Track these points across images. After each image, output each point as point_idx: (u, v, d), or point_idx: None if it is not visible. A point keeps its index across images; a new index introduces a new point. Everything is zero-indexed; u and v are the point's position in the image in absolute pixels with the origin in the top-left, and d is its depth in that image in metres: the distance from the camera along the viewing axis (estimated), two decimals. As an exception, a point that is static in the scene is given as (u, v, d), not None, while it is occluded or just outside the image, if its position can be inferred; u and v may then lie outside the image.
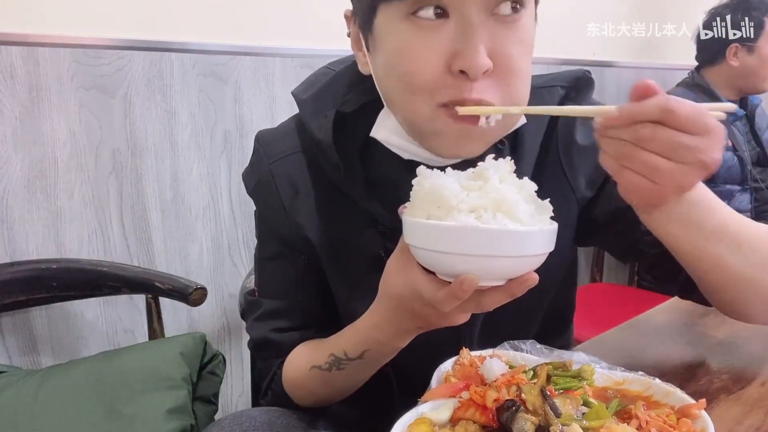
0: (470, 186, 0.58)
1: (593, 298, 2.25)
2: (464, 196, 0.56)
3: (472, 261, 0.55)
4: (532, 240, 0.56)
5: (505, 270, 0.58)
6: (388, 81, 0.70)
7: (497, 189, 0.56)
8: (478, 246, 0.55)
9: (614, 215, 0.83)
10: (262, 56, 1.60)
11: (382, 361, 0.75)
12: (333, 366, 0.74)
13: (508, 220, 0.55)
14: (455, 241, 0.55)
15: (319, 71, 0.85)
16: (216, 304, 1.64)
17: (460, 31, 0.63)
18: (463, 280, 0.55)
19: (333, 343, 0.76)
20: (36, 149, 1.30)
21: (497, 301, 0.59)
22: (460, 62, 0.63)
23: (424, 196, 0.58)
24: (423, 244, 0.58)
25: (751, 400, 0.73)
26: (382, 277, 0.66)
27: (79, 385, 1.13)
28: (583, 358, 0.71)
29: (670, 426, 0.57)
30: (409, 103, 0.69)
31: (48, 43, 1.28)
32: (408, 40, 0.65)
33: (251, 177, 0.85)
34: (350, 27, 0.75)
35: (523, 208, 0.56)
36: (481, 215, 0.55)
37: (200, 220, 1.58)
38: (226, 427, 0.71)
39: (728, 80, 2.32)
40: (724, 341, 0.90)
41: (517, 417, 0.55)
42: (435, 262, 0.59)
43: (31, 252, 1.32)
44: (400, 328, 0.67)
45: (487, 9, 0.63)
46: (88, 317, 1.43)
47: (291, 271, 0.83)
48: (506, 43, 0.65)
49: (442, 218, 0.56)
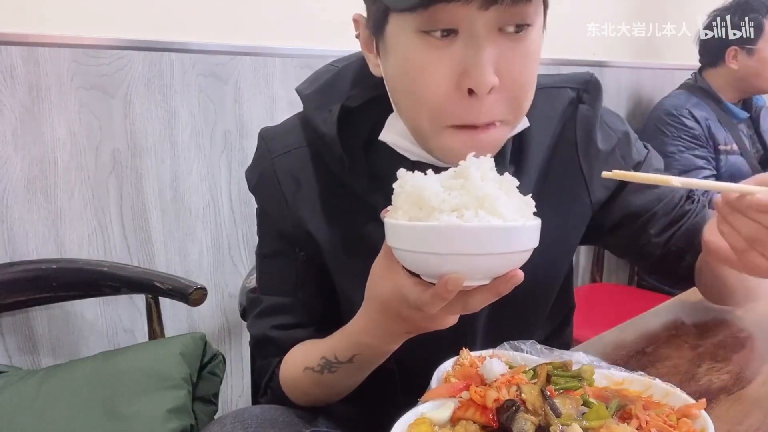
0: (452, 185, 0.57)
1: (593, 298, 2.26)
2: (446, 195, 0.56)
3: (456, 260, 0.55)
4: (515, 236, 0.55)
5: (490, 268, 0.57)
6: (398, 91, 0.72)
7: (479, 186, 0.56)
8: (461, 245, 0.54)
9: (625, 220, 0.86)
10: (262, 56, 1.60)
11: (373, 365, 0.75)
12: (325, 369, 0.74)
13: (490, 217, 0.55)
14: (438, 242, 0.54)
15: (323, 68, 0.86)
16: (216, 304, 1.64)
17: (469, 49, 0.64)
18: (447, 280, 0.55)
19: (325, 345, 0.76)
20: (36, 149, 1.30)
21: (484, 300, 0.59)
22: (468, 81, 0.64)
23: (406, 198, 0.58)
24: (406, 246, 0.57)
25: (751, 400, 0.73)
26: (368, 281, 0.66)
27: (79, 385, 1.13)
28: (583, 358, 0.71)
29: (670, 426, 0.58)
30: (417, 117, 0.70)
31: (48, 43, 1.28)
32: (418, 56, 0.66)
33: (253, 173, 0.86)
34: (359, 29, 0.76)
35: (505, 203, 0.56)
36: (462, 214, 0.55)
37: (200, 220, 1.58)
38: (228, 425, 0.71)
39: (729, 82, 2.32)
40: (724, 341, 0.90)
41: (517, 417, 0.55)
42: (419, 264, 0.58)
43: (31, 252, 1.32)
44: (387, 333, 0.67)
45: (495, 26, 0.64)
46: (88, 317, 1.43)
47: (291, 268, 0.84)
48: (513, 59, 0.66)
49: (424, 219, 0.56)
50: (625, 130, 0.89)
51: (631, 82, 2.74)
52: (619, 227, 0.89)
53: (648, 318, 1.01)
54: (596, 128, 0.85)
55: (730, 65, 2.28)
